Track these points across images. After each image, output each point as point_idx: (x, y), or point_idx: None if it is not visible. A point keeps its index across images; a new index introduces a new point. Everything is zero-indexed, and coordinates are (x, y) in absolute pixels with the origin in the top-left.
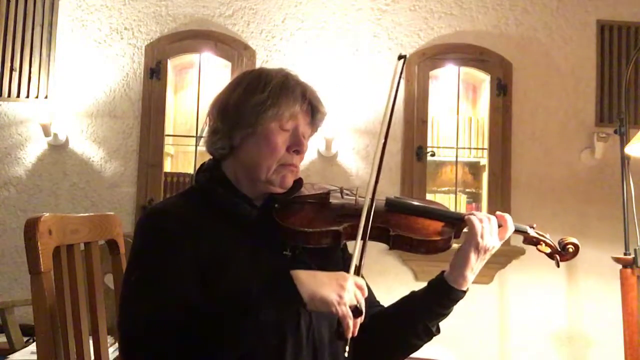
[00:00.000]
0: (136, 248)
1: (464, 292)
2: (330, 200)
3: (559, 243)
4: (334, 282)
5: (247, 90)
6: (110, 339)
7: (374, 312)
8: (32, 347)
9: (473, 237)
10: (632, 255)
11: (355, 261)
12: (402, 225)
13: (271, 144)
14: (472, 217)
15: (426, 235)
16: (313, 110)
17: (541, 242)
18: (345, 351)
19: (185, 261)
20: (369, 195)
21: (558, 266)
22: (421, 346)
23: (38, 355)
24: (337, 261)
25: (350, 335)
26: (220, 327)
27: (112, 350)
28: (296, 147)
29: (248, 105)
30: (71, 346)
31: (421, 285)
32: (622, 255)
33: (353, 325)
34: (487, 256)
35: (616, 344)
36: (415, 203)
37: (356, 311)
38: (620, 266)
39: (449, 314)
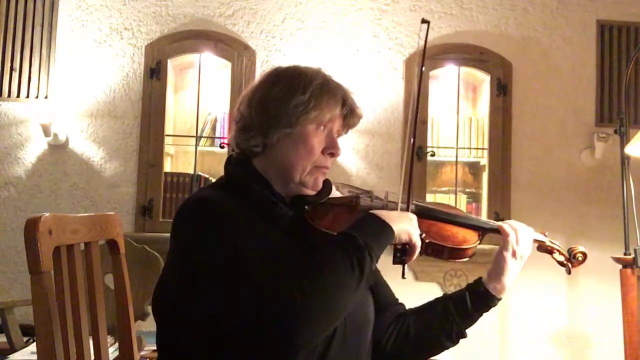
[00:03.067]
0: (192, 234)
1: (500, 299)
2: (361, 204)
3: (569, 252)
4: (406, 218)
5: (287, 90)
6: (110, 339)
7: (398, 311)
8: (32, 347)
9: (510, 244)
10: (632, 255)
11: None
12: (433, 232)
13: (308, 146)
14: (505, 224)
15: (457, 243)
16: (350, 113)
17: (555, 251)
18: (403, 275)
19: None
20: (403, 200)
21: (569, 273)
22: (449, 348)
23: (38, 355)
24: None
25: (410, 258)
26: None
27: (112, 350)
28: (332, 149)
29: (289, 105)
30: (71, 346)
31: (421, 285)
32: (622, 255)
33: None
34: (522, 264)
35: (616, 344)
36: (443, 210)
37: (422, 241)
38: (620, 266)
39: (478, 319)
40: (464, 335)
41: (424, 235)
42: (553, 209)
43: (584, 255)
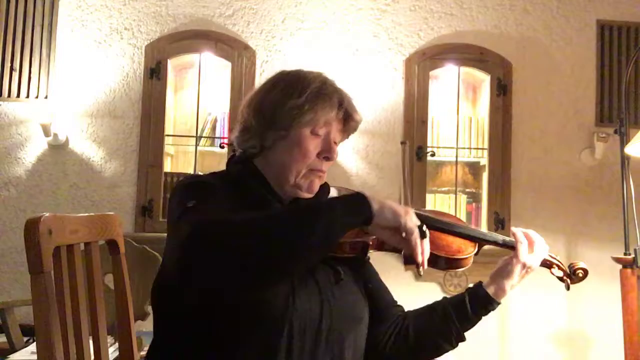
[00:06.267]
0: (180, 196)
1: (499, 303)
2: None
3: (569, 267)
4: (396, 204)
5: (284, 93)
6: (110, 339)
7: (397, 313)
8: (32, 347)
9: (521, 255)
10: (632, 255)
11: None
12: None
13: (303, 149)
14: (520, 235)
15: (451, 254)
16: (347, 118)
17: (554, 266)
18: (419, 274)
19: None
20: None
21: (568, 289)
22: (448, 351)
23: (38, 355)
24: (364, 266)
25: (420, 257)
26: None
27: (112, 350)
28: (327, 153)
29: (284, 108)
30: (71, 346)
31: (421, 285)
32: (622, 255)
33: (420, 246)
34: (527, 276)
35: (616, 344)
36: (444, 220)
37: (422, 232)
38: (620, 266)
39: (478, 322)
40: (463, 339)
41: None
42: (553, 209)
43: (585, 272)
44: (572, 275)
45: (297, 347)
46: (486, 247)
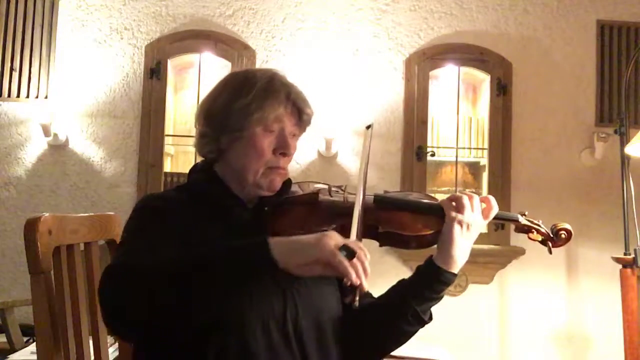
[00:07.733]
0: (127, 224)
1: (454, 274)
2: (320, 200)
3: (552, 229)
4: (312, 236)
5: (232, 94)
6: (110, 339)
7: (365, 303)
8: (32, 347)
9: (450, 212)
10: (632, 255)
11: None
12: (392, 221)
13: (257, 148)
14: (445, 198)
15: (415, 231)
16: (299, 112)
17: (532, 230)
18: (354, 302)
19: (171, 232)
20: (359, 198)
21: (550, 253)
22: (413, 333)
23: (38, 355)
24: None
25: (356, 280)
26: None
27: (112, 350)
28: (282, 149)
29: (233, 109)
30: (71, 346)
31: None
32: (622, 255)
33: (352, 267)
34: (473, 234)
35: (616, 344)
36: (403, 198)
37: (348, 252)
38: (620, 266)
39: (440, 298)
40: (423, 319)
41: (379, 226)
42: (553, 209)
43: (568, 232)
44: (555, 237)
45: (262, 345)
46: (486, 247)
